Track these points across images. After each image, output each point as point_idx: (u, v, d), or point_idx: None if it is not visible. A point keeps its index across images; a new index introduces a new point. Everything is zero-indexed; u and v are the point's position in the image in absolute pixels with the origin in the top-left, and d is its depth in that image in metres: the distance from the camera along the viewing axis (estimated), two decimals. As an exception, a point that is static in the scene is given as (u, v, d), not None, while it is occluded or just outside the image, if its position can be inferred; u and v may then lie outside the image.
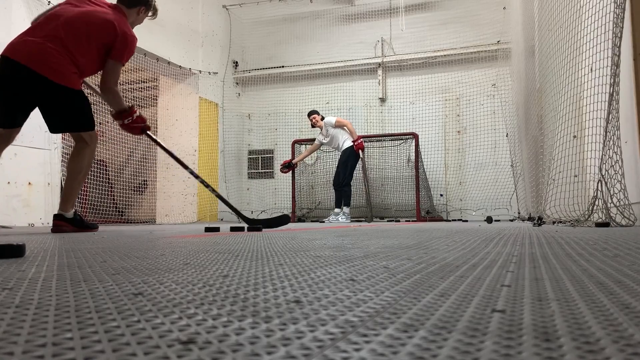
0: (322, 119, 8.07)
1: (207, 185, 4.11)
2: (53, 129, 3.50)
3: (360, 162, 8.12)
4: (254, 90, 10.46)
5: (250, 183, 10.39)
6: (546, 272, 0.89)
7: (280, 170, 8.69)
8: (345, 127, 7.84)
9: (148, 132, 3.80)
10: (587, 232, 2.53)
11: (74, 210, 3.55)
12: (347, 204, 7.78)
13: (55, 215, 3.54)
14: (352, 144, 7.78)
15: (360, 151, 7.85)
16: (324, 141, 8.08)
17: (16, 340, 0.42)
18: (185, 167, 4.02)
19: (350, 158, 7.78)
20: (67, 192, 3.55)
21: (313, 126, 8.15)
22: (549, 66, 5.00)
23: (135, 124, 3.68)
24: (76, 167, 3.51)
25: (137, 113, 3.69)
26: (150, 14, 3.76)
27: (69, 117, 3.41)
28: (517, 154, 7.47)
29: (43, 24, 3.34)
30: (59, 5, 3.51)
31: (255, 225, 3.57)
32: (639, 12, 4.03)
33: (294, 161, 8.52)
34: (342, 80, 9.84)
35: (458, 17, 9.14)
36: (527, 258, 1.15)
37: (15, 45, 3.26)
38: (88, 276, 0.88)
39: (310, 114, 8.16)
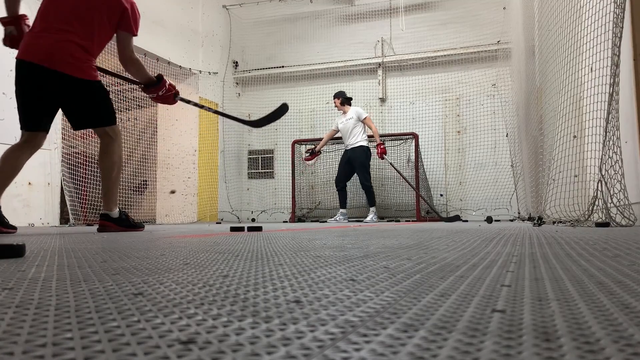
0: (350, 104, 7.85)
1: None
2: (76, 126, 3.45)
3: (379, 160, 7.99)
4: (254, 90, 10.46)
5: (250, 183, 10.39)
6: (546, 272, 0.89)
7: (305, 159, 8.43)
8: (371, 128, 7.66)
9: (181, 96, 3.81)
10: (587, 232, 2.53)
11: (118, 209, 3.53)
12: (373, 204, 7.63)
13: (100, 215, 3.54)
14: (365, 144, 7.59)
15: (384, 156, 7.68)
16: (340, 126, 7.82)
17: (16, 340, 0.41)
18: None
19: (365, 158, 7.61)
20: (105, 191, 3.52)
21: (338, 108, 7.88)
22: (549, 66, 4.99)
23: (169, 92, 3.67)
24: (107, 165, 3.46)
25: (167, 81, 3.68)
26: None
27: (92, 112, 3.38)
28: (517, 154, 7.46)
29: (49, 15, 3.26)
30: None
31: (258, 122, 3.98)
32: (639, 12, 4.03)
33: (317, 148, 8.22)
34: (342, 80, 9.83)
35: (458, 17, 9.14)
36: (527, 258, 1.15)
37: (27, 47, 3.22)
38: (88, 276, 0.87)
39: (336, 95, 7.89)
